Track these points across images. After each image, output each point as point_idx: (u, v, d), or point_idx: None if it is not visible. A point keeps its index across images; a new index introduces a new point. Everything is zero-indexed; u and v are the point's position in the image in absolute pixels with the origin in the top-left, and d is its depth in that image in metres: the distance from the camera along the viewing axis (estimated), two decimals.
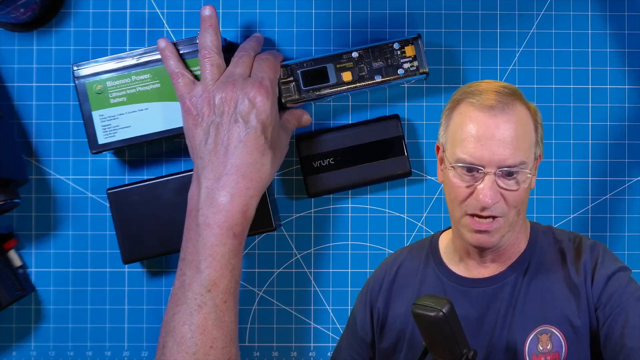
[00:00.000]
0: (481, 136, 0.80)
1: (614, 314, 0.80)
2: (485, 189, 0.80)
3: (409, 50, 0.93)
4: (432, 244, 0.93)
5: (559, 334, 0.83)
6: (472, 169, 0.81)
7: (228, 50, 1.00)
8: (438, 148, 0.89)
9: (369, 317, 0.92)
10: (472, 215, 0.82)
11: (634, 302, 0.80)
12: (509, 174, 0.81)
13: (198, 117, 0.82)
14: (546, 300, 0.84)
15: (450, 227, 0.92)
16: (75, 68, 0.96)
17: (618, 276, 0.83)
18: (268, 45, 1.02)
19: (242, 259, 0.79)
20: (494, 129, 0.80)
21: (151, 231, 0.98)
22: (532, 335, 0.83)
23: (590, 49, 1.01)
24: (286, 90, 0.91)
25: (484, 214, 0.82)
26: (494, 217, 0.82)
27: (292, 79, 0.92)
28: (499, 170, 0.80)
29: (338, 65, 0.93)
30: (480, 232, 0.83)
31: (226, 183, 0.78)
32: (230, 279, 0.77)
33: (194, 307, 0.75)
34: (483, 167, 0.80)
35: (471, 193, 0.82)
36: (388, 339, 0.90)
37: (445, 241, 0.92)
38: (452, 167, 0.83)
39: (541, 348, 0.83)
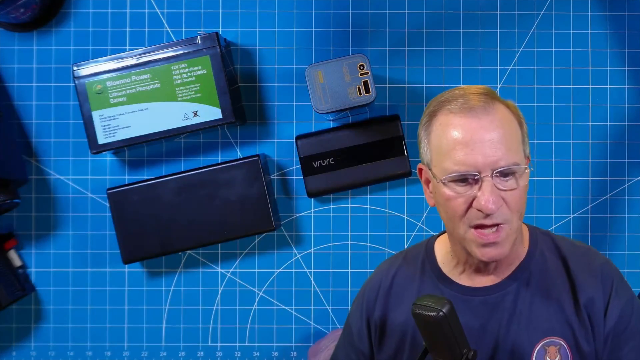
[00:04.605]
0: (469, 140, 0.74)
1: (621, 339, 0.80)
2: (486, 194, 0.73)
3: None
4: (427, 251, 0.87)
5: (566, 347, 0.81)
6: (466, 178, 0.74)
7: (227, 50, 1.01)
8: (421, 170, 0.81)
9: (365, 328, 0.89)
10: (477, 227, 0.75)
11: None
12: (504, 174, 0.75)
13: None
14: (553, 311, 0.80)
15: (444, 232, 0.89)
16: (75, 68, 0.96)
17: (629, 304, 0.81)
18: (267, 44, 1.02)
19: None
20: (481, 130, 0.74)
21: (151, 231, 0.98)
22: (539, 347, 0.80)
23: (590, 49, 1.01)
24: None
25: (488, 222, 0.75)
26: (498, 225, 0.75)
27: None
28: (495, 172, 0.74)
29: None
30: (488, 245, 0.76)
31: None
32: None
33: None
34: (478, 172, 0.74)
35: (470, 204, 0.75)
36: (387, 349, 0.87)
37: (442, 249, 0.86)
38: (444, 182, 0.75)
39: (549, 359, 0.81)
